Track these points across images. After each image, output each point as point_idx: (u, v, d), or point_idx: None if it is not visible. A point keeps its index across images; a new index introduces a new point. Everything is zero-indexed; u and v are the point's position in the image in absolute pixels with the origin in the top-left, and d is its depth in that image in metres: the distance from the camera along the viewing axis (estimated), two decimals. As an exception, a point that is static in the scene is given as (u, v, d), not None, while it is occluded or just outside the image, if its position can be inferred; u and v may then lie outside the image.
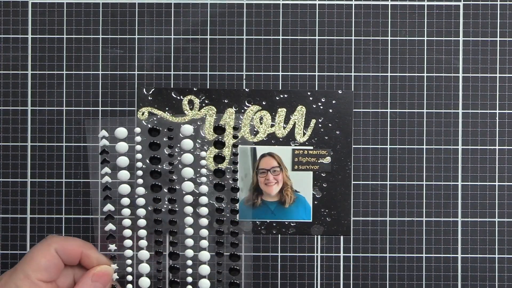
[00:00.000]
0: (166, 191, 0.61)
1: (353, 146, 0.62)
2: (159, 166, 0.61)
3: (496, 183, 0.62)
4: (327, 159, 0.61)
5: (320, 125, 0.62)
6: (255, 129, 0.62)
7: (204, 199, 0.61)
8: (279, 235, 0.62)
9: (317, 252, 0.62)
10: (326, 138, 0.61)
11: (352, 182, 0.62)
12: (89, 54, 0.62)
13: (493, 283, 0.62)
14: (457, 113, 0.62)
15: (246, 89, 0.62)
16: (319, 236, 0.62)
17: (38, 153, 0.62)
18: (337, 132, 0.62)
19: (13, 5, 0.63)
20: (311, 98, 0.62)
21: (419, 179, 0.62)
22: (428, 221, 0.62)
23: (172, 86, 0.62)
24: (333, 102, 0.62)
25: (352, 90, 0.62)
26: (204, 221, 0.61)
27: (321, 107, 0.62)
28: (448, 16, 0.62)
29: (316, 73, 0.62)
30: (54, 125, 0.62)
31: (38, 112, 0.62)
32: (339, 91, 0.62)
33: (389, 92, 0.62)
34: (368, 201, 0.62)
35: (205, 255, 0.61)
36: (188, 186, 0.61)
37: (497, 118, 0.62)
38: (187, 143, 0.61)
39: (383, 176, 0.62)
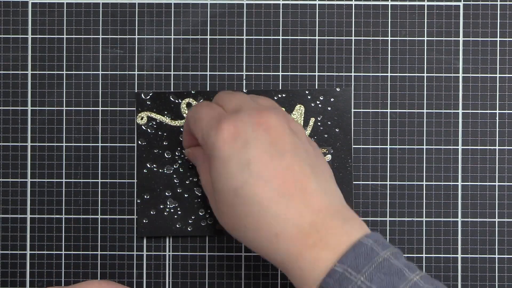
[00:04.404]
0: (168, 194, 0.61)
1: (353, 146, 0.62)
2: (160, 170, 0.61)
3: (496, 183, 0.62)
4: (328, 157, 0.61)
5: (319, 124, 0.61)
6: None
7: (206, 202, 0.61)
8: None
9: (317, 252, 0.62)
10: (326, 136, 0.61)
11: (353, 182, 0.62)
12: (89, 54, 0.62)
13: (493, 283, 0.62)
14: (457, 113, 0.62)
15: (244, 90, 0.62)
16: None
17: (38, 153, 0.62)
18: (337, 130, 0.61)
19: (13, 5, 0.63)
20: (309, 97, 0.62)
21: (419, 179, 0.62)
22: (428, 221, 0.62)
23: (172, 86, 0.62)
24: (331, 100, 0.62)
25: (351, 87, 0.62)
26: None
27: (320, 106, 0.62)
28: (448, 16, 0.62)
29: (316, 73, 0.62)
30: (54, 125, 0.62)
31: (38, 112, 0.62)
32: (337, 89, 0.62)
33: (389, 92, 0.62)
34: (368, 201, 0.62)
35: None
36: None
37: (497, 118, 0.62)
38: None
39: (383, 176, 0.62)
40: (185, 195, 0.61)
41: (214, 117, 0.52)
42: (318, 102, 0.61)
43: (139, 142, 0.61)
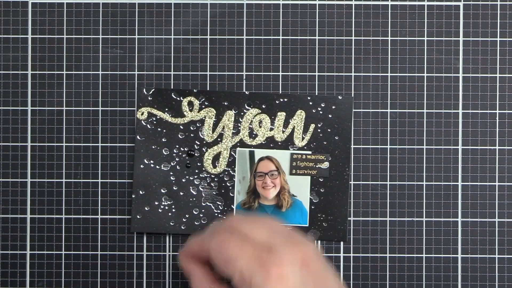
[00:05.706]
0: (163, 191, 0.62)
1: (352, 146, 0.62)
2: (157, 167, 0.62)
3: (496, 183, 0.62)
4: (325, 164, 0.61)
5: (319, 130, 0.61)
6: (254, 132, 0.61)
7: (200, 201, 0.61)
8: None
9: (316, 252, 0.62)
10: (325, 143, 0.61)
11: (352, 183, 0.62)
12: (89, 54, 0.62)
13: (493, 283, 0.62)
14: (457, 113, 0.62)
15: (246, 92, 0.62)
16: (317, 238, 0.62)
17: (38, 153, 0.62)
18: (336, 138, 0.61)
19: (13, 5, 0.63)
20: (311, 103, 0.61)
21: (419, 179, 0.62)
22: (428, 221, 0.62)
23: (172, 86, 0.62)
24: (333, 107, 0.61)
25: (352, 94, 0.62)
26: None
27: (321, 112, 0.61)
28: (448, 16, 0.62)
29: (316, 73, 0.62)
30: (54, 125, 0.62)
31: (38, 112, 0.62)
32: (339, 97, 0.61)
33: (389, 92, 0.62)
34: (368, 201, 0.62)
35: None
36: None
37: (497, 118, 0.62)
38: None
39: (383, 176, 0.62)
40: (181, 193, 0.61)
41: (253, 256, 0.51)
42: (319, 109, 0.61)
43: (138, 137, 0.61)
